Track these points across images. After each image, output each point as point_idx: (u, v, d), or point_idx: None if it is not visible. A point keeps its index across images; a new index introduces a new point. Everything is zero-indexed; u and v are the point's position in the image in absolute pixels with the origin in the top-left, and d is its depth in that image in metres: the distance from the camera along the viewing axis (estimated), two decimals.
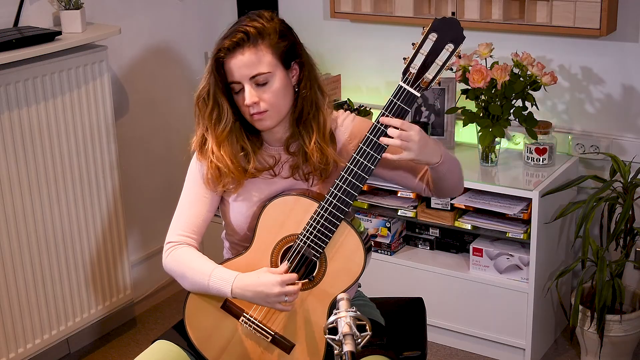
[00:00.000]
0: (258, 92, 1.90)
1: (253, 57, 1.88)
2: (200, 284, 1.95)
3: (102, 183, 3.09)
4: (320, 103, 1.97)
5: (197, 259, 1.98)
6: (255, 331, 1.97)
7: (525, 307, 2.95)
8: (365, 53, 3.48)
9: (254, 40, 1.88)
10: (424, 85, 1.84)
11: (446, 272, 3.07)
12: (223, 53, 1.90)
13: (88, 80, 2.97)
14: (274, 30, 1.90)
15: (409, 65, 1.84)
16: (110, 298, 3.21)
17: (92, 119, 3.01)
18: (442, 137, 3.25)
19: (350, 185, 1.88)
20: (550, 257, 3.03)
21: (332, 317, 1.58)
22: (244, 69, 1.89)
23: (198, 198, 2.02)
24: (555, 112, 3.17)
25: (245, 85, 1.90)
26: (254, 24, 1.90)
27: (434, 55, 1.82)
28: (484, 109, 2.97)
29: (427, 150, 1.87)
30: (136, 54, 3.33)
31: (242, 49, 1.88)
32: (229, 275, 1.93)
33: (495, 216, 2.97)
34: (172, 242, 2.02)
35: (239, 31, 1.89)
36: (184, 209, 2.03)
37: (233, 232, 2.07)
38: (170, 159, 3.56)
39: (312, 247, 1.92)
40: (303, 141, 1.96)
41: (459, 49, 1.83)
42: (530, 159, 3.05)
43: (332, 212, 1.89)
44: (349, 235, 1.91)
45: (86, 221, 3.06)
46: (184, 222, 2.02)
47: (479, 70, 2.89)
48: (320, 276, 1.94)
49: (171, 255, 2.01)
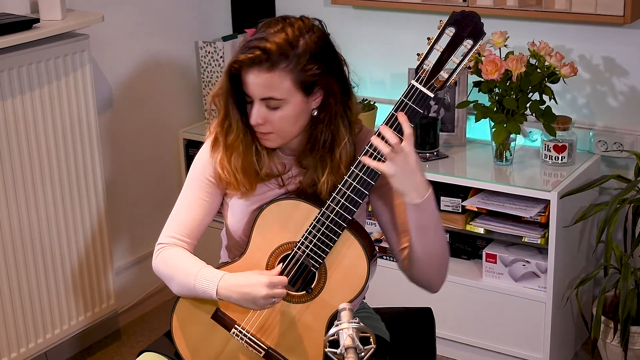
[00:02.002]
0: (266, 114, 1.88)
1: (268, 80, 1.84)
2: (187, 285, 1.96)
3: (84, 184, 3.09)
4: (341, 136, 1.92)
5: (186, 259, 1.99)
6: (248, 345, 1.97)
7: (542, 318, 2.94)
8: (369, 43, 3.47)
9: (274, 62, 1.82)
10: (438, 85, 1.81)
11: (457, 280, 3.07)
12: (237, 65, 1.86)
13: (68, 72, 2.97)
14: (305, 50, 1.84)
15: (423, 62, 1.81)
16: (92, 308, 3.20)
17: (73, 114, 3.01)
18: (453, 134, 3.25)
19: (355, 191, 1.87)
20: (569, 263, 3.03)
21: (334, 328, 1.58)
22: (256, 87, 1.86)
23: (197, 200, 2.02)
24: (575, 107, 3.16)
25: (255, 103, 1.88)
26: (282, 37, 1.83)
27: (451, 51, 1.79)
28: (498, 103, 2.97)
29: (410, 178, 1.81)
30: (121, 43, 3.32)
31: (259, 68, 1.83)
32: (215, 275, 1.93)
33: (510, 219, 2.97)
34: (162, 243, 2.03)
35: (258, 48, 1.82)
36: (180, 210, 2.04)
37: (229, 234, 2.08)
38: (158, 157, 3.56)
39: (312, 257, 1.91)
40: (315, 171, 1.94)
41: (479, 46, 1.80)
42: (548, 157, 3.04)
43: (334, 220, 1.88)
44: (352, 246, 1.90)
45: (66, 225, 3.05)
46: (178, 224, 2.03)
47: (493, 61, 2.88)
48: (319, 289, 1.94)
49: (160, 256, 2.02)
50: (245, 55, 1.84)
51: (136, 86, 3.42)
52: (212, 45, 3.50)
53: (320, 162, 1.94)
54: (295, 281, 1.94)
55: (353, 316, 1.60)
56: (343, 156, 1.92)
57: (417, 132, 3.15)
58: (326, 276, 1.93)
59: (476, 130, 3.30)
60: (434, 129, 3.17)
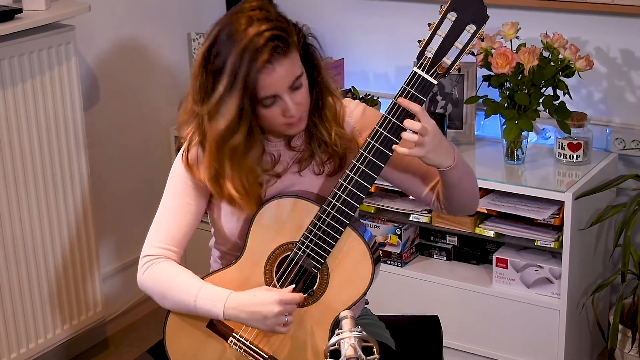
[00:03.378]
0: (295, 98, 1.88)
1: (289, 62, 1.85)
2: (185, 305, 1.95)
3: (69, 183, 3.08)
4: (332, 87, 1.97)
5: (180, 275, 1.98)
6: (246, 354, 1.97)
7: (556, 327, 2.94)
8: (372, 33, 3.47)
9: (286, 42, 1.84)
10: (441, 72, 1.84)
11: (465, 286, 3.07)
12: (260, 66, 1.82)
13: (53, 65, 2.96)
14: (284, 19, 1.87)
15: (425, 49, 1.84)
16: (78, 316, 3.20)
17: (57, 109, 3.00)
18: (461, 131, 3.24)
19: (357, 185, 1.87)
20: (585, 268, 3.03)
21: (334, 337, 1.58)
22: (284, 79, 1.85)
23: (181, 206, 2.01)
24: (591, 102, 3.16)
25: (284, 96, 1.87)
26: (265, 15, 1.84)
27: (453, 37, 1.82)
28: (509, 99, 2.97)
29: (440, 149, 1.87)
30: (108, 34, 3.32)
31: (279, 56, 1.83)
32: (221, 295, 1.92)
33: (522, 222, 2.97)
34: (149, 255, 2.01)
35: (269, 38, 1.81)
36: (164, 217, 2.03)
37: (224, 239, 2.06)
38: (147, 156, 3.56)
39: (312, 258, 1.91)
40: (320, 134, 1.96)
41: (482, 30, 1.82)
42: (563, 155, 3.04)
43: (335, 217, 1.88)
44: (355, 244, 1.91)
45: (50, 227, 3.05)
46: (164, 233, 2.02)
47: (504, 53, 2.88)
48: (321, 291, 1.94)
49: (148, 272, 2.00)
50: (266, 53, 1.81)
51: (124, 80, 3.42)
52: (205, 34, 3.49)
53: (321, 120, 1.95)
54: (296, 284, 1.93)
55: (355, 324, 1.60)
56: (342, 104, 1.98)
57: None
58: (328, 277, 1.93)
59: (486, 127, 3.29)
60: (441, 126, 3.16)
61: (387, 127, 1.85)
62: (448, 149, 1.90)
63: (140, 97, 3.50)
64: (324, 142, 1.97)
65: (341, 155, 1.98)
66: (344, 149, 1.97)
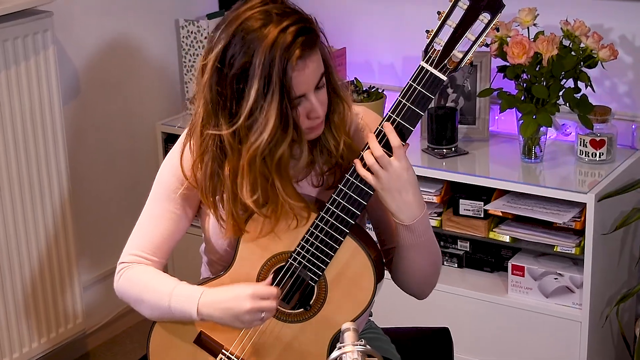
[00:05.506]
0: (319, 97, 1.87)
1: (317, 58, 1.84)
2: (160, 308, 1.95)
3: (47, 185, 3.08)
4: (342, 90, 1.94)
5: (156, 277, 1.98)
6: None
7: (577, 340, 2.94)
8: (376, 20, 3.47)
9: (313, 36, 1.82)
10: (451, 66, 1.82)
11: (478, 295, 3.07)
12: (294, 63, 1.78)
13: (29, 55, 2.96)
14: (302, 11, 1.85)
15: (433, 40, 1.82)
16: (56, 329, 3.20)
17: (34, 103, 3.00)
18: (474, 126, 3.24)
19: (357, 190, 1.87)
20: (609, 277, 3.03)
21: (336, 352, 1.58)
22: (312, 77, 1.83)
23: (165, 213, 2.01)
24: (615, 95, 3.16)
25: (310, 96, 1.84)
26: (288, 15, 1.81)
27: (465, 27, 1.80)
28: (526, 91, 2.97)
29: (399, 197, 1.85)
30: (89, 21, 3.32)
31: (311, 54, 1.81)
32: (194, 292, 1.92)
33: (540, 226, 2.97)
34: (125, 262, 2.02)
35: (297, 33, 1.79)
36: (146, 224, 2.03)
37: (213, 249, 2.06)
38: (132, 154, 3.56)
39: (309, 269, 1.91)
40: (327, 142, 1.93)
41: (497, 20, 1.81)
42: (585, 153, 3.04)
43: (334, 225, 1.88)
44: (356, 254, 1.90)
45: (26, 232, 3.05)
46: (144, 240, 2.02)
47: (520, 42, 2.88)
48: (319, 305, 1.93)
49: (124, 277, 2.01)
50: (298, 49, 1.78)
51: (107, 71, 3.42)
52: (195, 25, 3.50)
53: (328, 126, 1.92)
54: (292, 297, 1.93)
55: (358, 337, 1.60)
56: (350, 107, 1.96)
57: (432, 124, 3.15)
58: (327, 290, 1.92)
59: (501, 123, 3.29)
60: (452, 121, 3.16)
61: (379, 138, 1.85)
62: (410, 205, 1.86)
63: (125, 89, 3.50)
64: (328, 151, 1.94)
65: (345, 168, 1.93)
66: (349, 161, 1.92)
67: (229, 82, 1.81)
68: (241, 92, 1.80)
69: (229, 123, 1.83)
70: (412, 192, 1.86)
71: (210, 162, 1.90)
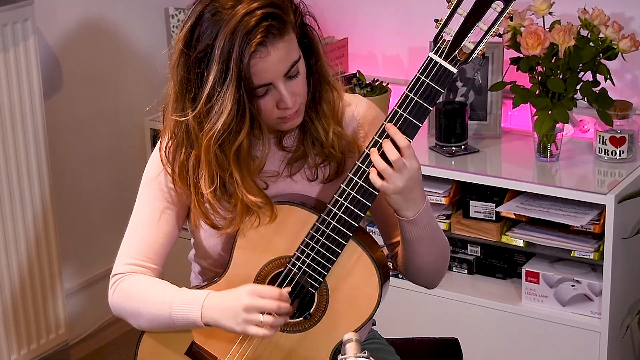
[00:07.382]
0: (291, 86, 1.88)
1: (285, 45, 1.84)
2: (161, 318, 1.95)
3: (27, 185, 3.08)
4: (331, 78, 1.96)
5: (153, 285, 1.98)
6: None
7: (596, 351, 2.95)
8: (381, 9, 3.47)
9: (281, 22, 1.83)
10: (462, 58, 1.83)
11: (490, 304, 3.07)
12: (253, 49, 1.80)
13: (8, 46, 2.97)
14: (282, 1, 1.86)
15: (442, 30, 1.83)
16: (37, 339, 3.21)
17: (13, 97, 3.01)
18: (485, 122, 3.24)
19: (361, 191, 1.87)
20: (630, 284, 3.03)
21: None
22: (278, 65, 1.84)
23: (156, 214, 2.01)
24: (636, 89, 3.16)
25: (279, 85, 1.86)
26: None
27: (477, 16, 1.81)
28: (541, 85, 2.97)
29: (408, 195, 1.86)
30: (73, 10, 3.32)
31: (275, 41, 1.82)
32: (198, 296, 1.92)
33: (557, 229, 2.97)
34: (119, 274, 2.02)
35: (262, 17, 1.80)
36: (137, 228, 2.03)
37: (205, 254, 2.07)
38: (119, 152, 3.56)
39: (310, 275, 1.91)
40: (316, 131, 1.95)
41: (511, 8, 1.81)
42: (604, 151, 3.04)
43: (336, 228, 1.88)
44: (359, 260, 1.91)
45: (5, 236, 3.05)
46: (137, 247, 2.02)
47: (535, 32, 2.88)
48: (320, 314, 1.94)
49: (118, 289, 2.01)
50: (259, 35, 1.79)
51: (91, 63, 3.42)
52: (185, 13, 3.50)
53: (317, 115, 1.95)
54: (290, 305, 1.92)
55: (361, 349, 1.60)
56: (340, 95, 1.97)
57: (440, 120, 3.16)
58: (328, 298, 1.93)
59: (514, 119, 3.30)
60: (462, 117, 3.17)
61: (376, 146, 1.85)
62: (416, 200, 1.89)
63: (110, 83, 3.50)
64: (319, 141, 1.96)
65: (338, 159, 1.97)
66: (342, 152, 1.96)
67: (192, 64, 1.86)
68: (202, 77, 1.85)
69: (191, 108, 1.87)
70: (418, 189, 1.88)
71: (179, 148, 1.94)
